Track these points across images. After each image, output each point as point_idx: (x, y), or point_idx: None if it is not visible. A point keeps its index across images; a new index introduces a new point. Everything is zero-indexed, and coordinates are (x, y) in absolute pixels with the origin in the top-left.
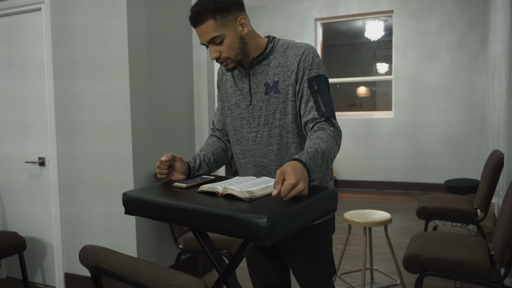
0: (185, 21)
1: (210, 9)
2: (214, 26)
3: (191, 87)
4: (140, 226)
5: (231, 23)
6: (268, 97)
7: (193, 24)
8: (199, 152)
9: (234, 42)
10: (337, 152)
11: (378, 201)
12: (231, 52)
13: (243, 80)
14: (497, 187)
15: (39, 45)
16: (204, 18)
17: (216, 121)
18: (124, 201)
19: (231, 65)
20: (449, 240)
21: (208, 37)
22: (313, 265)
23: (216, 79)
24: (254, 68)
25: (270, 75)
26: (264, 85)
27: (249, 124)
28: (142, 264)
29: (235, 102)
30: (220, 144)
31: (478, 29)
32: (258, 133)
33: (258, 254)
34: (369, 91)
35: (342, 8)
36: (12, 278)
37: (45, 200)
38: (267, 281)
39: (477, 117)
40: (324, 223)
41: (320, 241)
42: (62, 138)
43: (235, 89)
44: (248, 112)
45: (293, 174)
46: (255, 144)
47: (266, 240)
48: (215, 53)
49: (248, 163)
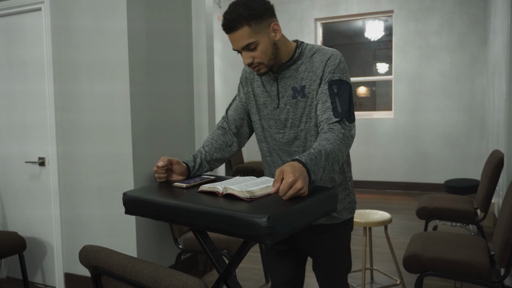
0: (185, 22)
1: (245, 16)
2: (248, 33)
3: (191, 88)
4: (140, 226)
5: (265, 29)
6: (295, 101)
7: (226, 30)
8: (201, 149)
9: (267, 48)
10: (345, 154)
11: (378, 201)
12: (264, 57)
13: (271, 83)
14: (497, 187)
15: (39, 46)
16: (239, 25)
17: (231, 112)
18: (124, 201)
19: (263, 70)
20: (449, 240)
21: (243, 43)
22: (334, 261)
23: (241, 75)
24: (283, 72)
25: (298, 79)
26: (291, 89)
27: (276, 125)
28: (142, 264)
29: (262, 103)
30: (225, 139)
31: (478, 29)
32: (285, 135)
33: (278, 248)
34: (369, 91)
35: (342, 8)
36: (12, 278)
37: (45, 200)
38: (285, 274)
39: (477, 117)
40: (346, 221)
41: (342, 238)
42: (62, 139)
43: (263, 90)
44: (275, 114)
45: (292, 173)
46: (281, 145)
47: (267, 239)
48: (248, 59)
49: (274, 162)
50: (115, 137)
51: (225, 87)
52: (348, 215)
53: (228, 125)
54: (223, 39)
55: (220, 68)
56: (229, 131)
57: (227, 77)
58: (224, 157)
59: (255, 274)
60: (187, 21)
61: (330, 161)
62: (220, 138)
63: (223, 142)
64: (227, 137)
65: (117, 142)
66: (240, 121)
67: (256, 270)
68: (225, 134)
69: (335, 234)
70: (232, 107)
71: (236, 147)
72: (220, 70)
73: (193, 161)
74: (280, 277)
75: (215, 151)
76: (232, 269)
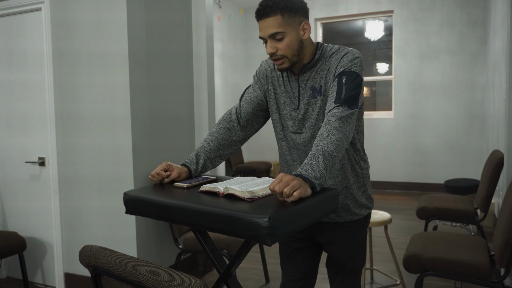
0: (185, 14)
1: (281, 6)
2: (280, 22)
3: (191, 80)
4: (140, 226)
5: (296, 25)
6: (315, 101)
7: (259, 16)
8: (206, 144)
9: (293, 43)
10: (345, 139)
11: (378, 201)
12: (288, 51)
13: (292, 85)
14: (497, 187)
15: (39, 38)
16: (273, 13)
17: (245, 104)
18: (125, 200)
19: (285, 65)
20: (449, 240)
21: (272, 31)
22: (351, 256)
23: (259, 70)
24: (304, 74)
25: (317, 79)
26: (311, 89)
27: (294, 125)
28: (142, 264)
29: (283, 102)
30: (231, 134)
31: (478, 29)
32: (303, 135)
33: (294, 245)
34: (369, 91)
35: (342, 8)
36: (12, 278)
37: (45, 200)
38: (301, 269)
39: (477, 117)
40: (365, 217)
41: (360, 235)
42: (61, 131)
43: (284, 90)
44: (294, 115)
45: (288, 175)
46: (299, 145)
47: (267, 239)
48: (272, 48)
49: (294, 161)
50: (114, 130)
51: (225, 87)
52: (367, 210)
53: (238, 117)
54: (223, 39)
55: (220, 68)
56: (236, 125)
57: (227, 77)
58: (228, 153)
59: (255, 274)
60: (187, 12)
61: (327, 157)
62: (226, 133)
63: (228, 137)
64: (233, 131)
65: (117, 134)
66: (252, 115)
67: (256, 270)
68: (232, 128)
69: (355, 230)
70: (246, 99)
71: (241, 142)
72: (220, 70)
73: (195, 163)
74: (294, 274)
75: (220, 147)
76: (233, 269)
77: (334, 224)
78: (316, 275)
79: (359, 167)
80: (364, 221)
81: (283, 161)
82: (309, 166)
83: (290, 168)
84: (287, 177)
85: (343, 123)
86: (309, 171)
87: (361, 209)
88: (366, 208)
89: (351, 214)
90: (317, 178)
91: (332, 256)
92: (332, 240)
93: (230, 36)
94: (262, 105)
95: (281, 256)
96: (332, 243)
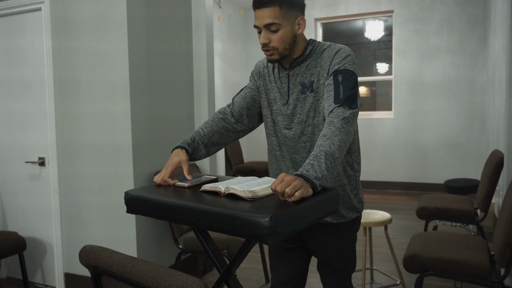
0: (185, 12)
1: None
2: (277, 14)
3: (191, 79)
4: (140, 226)
5: (292, 19)
6: (304, 96)
7: (257, 5)
8: (200, 130)
9: (287, 36)
10: (347, 140)
11: (378, 201)
12: (280, 44)
13: (282, 80)
14: (497, 187)
15: (39, 37)
16: (271, 3)
17: (238, 99)
18: (126, 200)
19: (275, 57)
20: (449, 240)
21: (268, 21)
22: (341, 260)
23: (254, 69)
24: (294, 69)
25: (307, 75)
26: (300, 85)
27: (284, 121)
28: (142, 264)
29: (273, 97)
30: (225, 124)
31: (478, 29)
32: (291, 130)
33: (286, 245)
34: (369, 91)
35: (342, 8)
36: (12, 278)
37: (45, 199)
38: (293, 269)
39: (477, 117)
40: (354, 220)
41: (349, 238)
42: (61, 130)
43: (274, 86)
44: (283, 110)
45: (289, 176)
46: (288, 140)
47: (269, 239)
48: (265, 39)
49: (283, 156)
50: (114, 127)
51: (225, 87)
52: (356, 214)
53: (232, 111)
54: (223, 39)
55: (220, 68)
56: (230, 117)
57: (227, 77)
58: (222, 142)
59: (255, 274)
60: (187, 10)
61: (329, 157)
62: (220, 122)
63: (222, 126)
64: (227, 121)
65: (117, 132)
66: (246, 110)
67: (256, 270)
68: (225, 119)
69: (343, 233)
70: (240, 95)
71: (235, 134)
72: (220, 70)
73: (190, 145)
74: (285, 274)
75: (214, 134)
76: (233, 269)
77: (323, 225)
78: (306, 277)
79: (352, 169)
80: (353, 224)
81: (272, 157)
82: (311, 167)
83: (280, 163)
84: (288, 177)
85: (346, 124)
86: (310, 172)
87: (350, 211)
88: (355, 211)
89: (338, 216)
90: (318, 179)
91: (321, 260)
92: (320, 242)
93: (230, 36)
94: (256, 101)
95: (272, 257)
96: (320, 246)
